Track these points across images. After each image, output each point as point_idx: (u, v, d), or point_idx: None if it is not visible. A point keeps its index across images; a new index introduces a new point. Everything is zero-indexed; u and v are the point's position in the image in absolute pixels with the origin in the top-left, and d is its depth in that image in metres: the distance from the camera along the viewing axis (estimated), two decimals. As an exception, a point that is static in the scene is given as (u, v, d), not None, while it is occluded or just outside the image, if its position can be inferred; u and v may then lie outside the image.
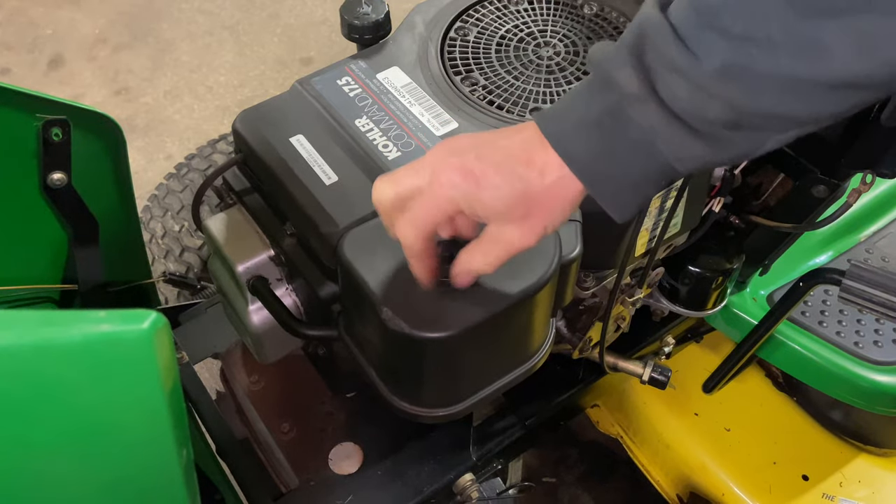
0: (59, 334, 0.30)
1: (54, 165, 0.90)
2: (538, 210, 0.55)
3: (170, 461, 0.38)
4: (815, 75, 0.48)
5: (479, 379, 0.71)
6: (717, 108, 0.49)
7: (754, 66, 0.48)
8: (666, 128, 0.51)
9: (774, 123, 0.51)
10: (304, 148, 0.76)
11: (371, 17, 0.84)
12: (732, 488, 1.14)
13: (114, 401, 0.33)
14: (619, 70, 0.52)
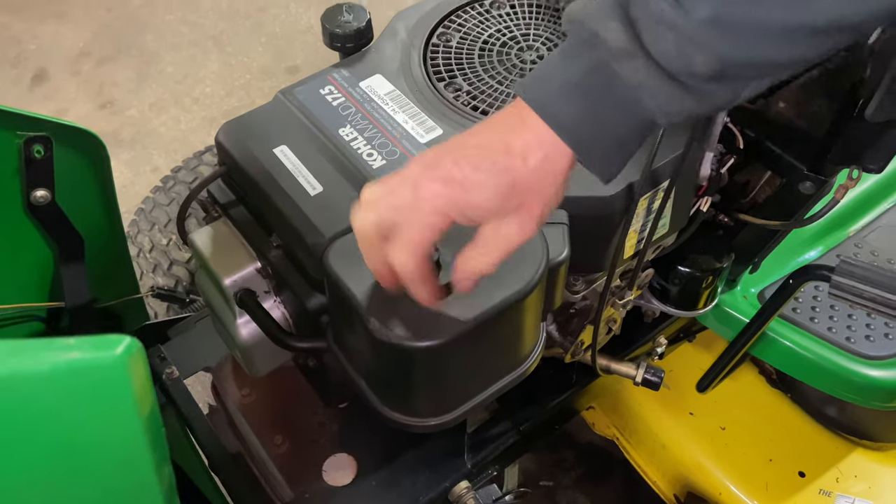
0: (29, 364, 0.29)
1: (37, 182, 0.89)
2: (531, 196, 0.53)
3: (149, 483, 0.37)
4: (804, 20, 0.48)
5: (469, 386, 0.71)
6: (703, 60, 0.49)
7: (744, 17, 0.48)
8: (653, 82, 0.50)
9: (755, 71, 0.51)
10: (289, 159, 0.76)
11: (353, 26, 0.84)
12: (729, 487, 1.14)
13: (89, 427, 0.32)
14: (604, 25, 0.50)
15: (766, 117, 0.91)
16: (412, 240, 0.53)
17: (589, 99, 0.52)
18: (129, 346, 0.31)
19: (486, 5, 0.90)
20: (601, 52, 0.51)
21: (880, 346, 0.99)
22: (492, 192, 0.52)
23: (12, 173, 0.88)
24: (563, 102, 0.52)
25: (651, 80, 0.50)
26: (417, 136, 0.77)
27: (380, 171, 0.74)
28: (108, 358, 0.30)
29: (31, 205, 0.91)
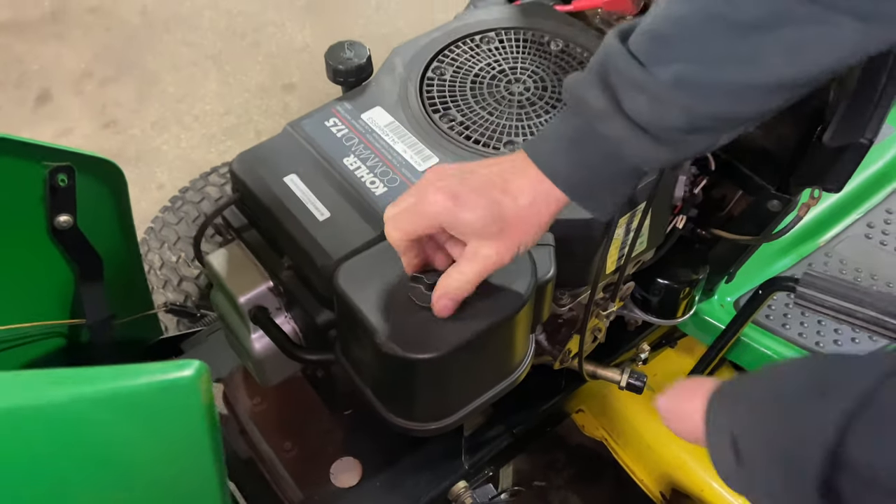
0: (124, 385, 0.36)
1: (60, 209, 0.96)
2: (511, 229, 0.63)
3: (212, 481, 0.44)
4: (756, 81, 0.56)
5: (466, 393, 0.77)
6: (674, 116, 0.58)
7: (702, 78, 0.56)
8: (631, 137, 0.59)
9: (724, 124, 0.60)
10: (298, 187, 0.83)
11: (354, 62, 0.91)
12: (711, 484, 1.21)
13: (170, 435, 0.39)
14: (587, 92, 0.60)
15: (737, 141, 0.98)
16: (403, 222, 0.64)
17: (579, 153, 0.62)
18: (199, 368, 0.38)
19: (477, 40, 0.97)
20: (586, 114, 0.60)
21: (848, 350, 1.06)
22: (480, 214, 0.62)
23: (38, 200, 0.94)
24: (558, 157, 0.63)
25: (629, 136, 0.59)
26: (415, 165, 0.84)
27: (382, 198, 0.81)
28: (184, 379, 0.37)
29: (54, 229, 0.97)
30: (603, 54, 0.60)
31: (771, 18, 0.54)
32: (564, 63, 0.95)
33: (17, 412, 0.34)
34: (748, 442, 0.50)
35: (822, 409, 0.44)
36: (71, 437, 0.36)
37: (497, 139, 0.87)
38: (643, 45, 0.58)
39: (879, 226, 1.25)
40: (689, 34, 0.57)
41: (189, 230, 1.33)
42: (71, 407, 0.35)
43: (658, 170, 0.63)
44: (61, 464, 0.37)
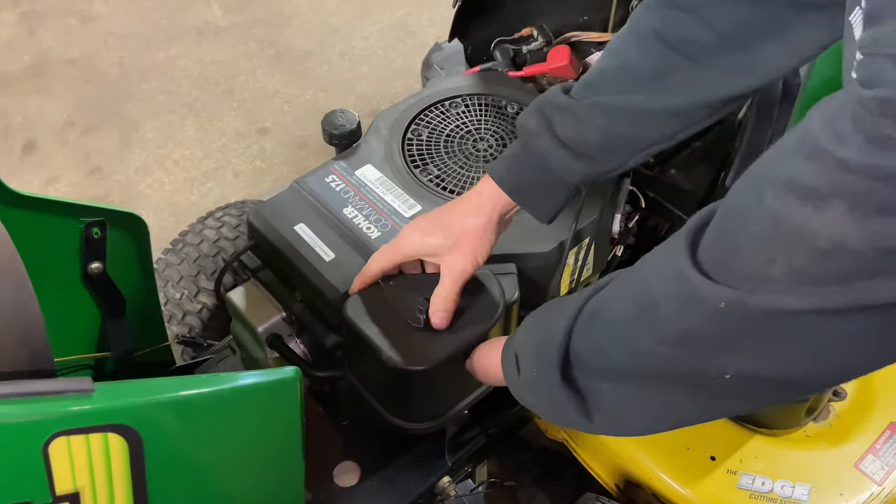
0: (251, 382, 0.53)
1: (93, 257, 1.11)
2: (464, 242, 0.82)
3: (298, 462, 0.61)
4: (653, 107, 0.79)
5: (452, 397, 0.95)
6: (591, 133, 0.79)
7: (612, 104, 0.78)
8: (556, 152, 0.79)
9: (630, 143, 0.81)
10: (306, 234, 1.00)
11: (346, 128, 1.09)
12: (658, 473, 1.40)
13: (277, 418, 0.55)
14: (528, 119, 0.83)
15: (662, 181, 1.19)
16: (381, 255, 0.86)
17: (518, 165, 0.83)
18: (296, 370, 0.55)
19: (447, 105, 1.17)
20: (526, 135, 0.83)
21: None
22: (440, 236, 0.83)
23: (74, 250, 1.09)
24: (504, 168, 0.84)
25: (555, 151, 0.81)
26: (402, 212, 1.02)
27: (377, 241, 0.98)
28: (288, 377, 0.54)
29: (86, 275, 1.12)
30: (545, 95, 0.83)
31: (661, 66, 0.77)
32: (519, 123, 1.15)
33: (177, 403, 0.50)
34: (523, 355, 0.68)
35: (557, 321, 0.63)
36: (209, 420, 0.52)
37: (469, 189, 1.06)
38: (577, 88, 0.81)
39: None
40: (605, 79, 0.80)
41: (190, 269, 1.48)
42: (211, 398, 0.51)
43: (573, 183, 0.83)
44: (203, 438, 0.53)
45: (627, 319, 0.56)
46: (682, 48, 0.76)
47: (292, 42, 2.71)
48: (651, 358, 0.55)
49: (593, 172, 0.82)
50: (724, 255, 0.49)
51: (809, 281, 0.44)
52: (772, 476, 1.40)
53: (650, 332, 0.54)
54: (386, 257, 0.85)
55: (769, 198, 0.45)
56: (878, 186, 0.39)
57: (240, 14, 2.80)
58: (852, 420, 1.49)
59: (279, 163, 2.31)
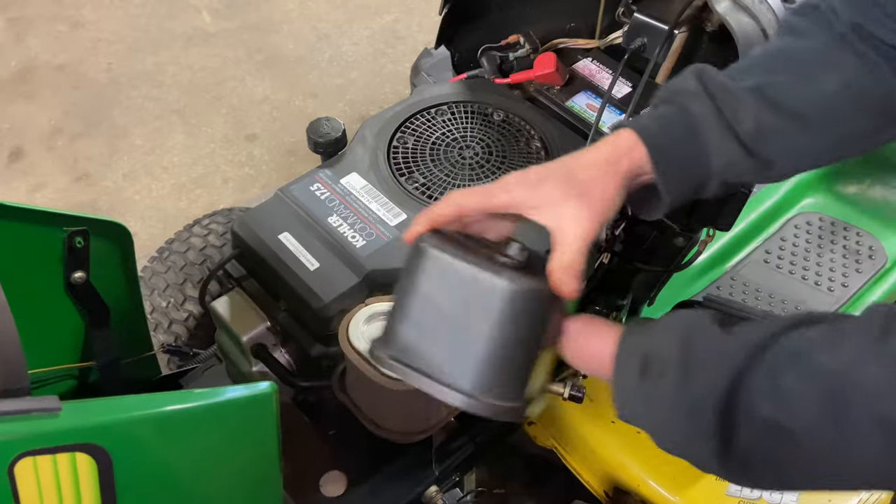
0: (226, 398, 0.52)
1: (76, 266, 1.09)
2: (592, 192, 0.64)
3: (275, 474, 0.60)
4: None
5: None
6: (747, 119, 0.66)
7: (768, 93, 0.67)
8: (712, 120, 0.66)
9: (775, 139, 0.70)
10: (291, 242, 1.00)
11: (332, 136, 1.09)
12: (646, 480, 1.40)
13: (254, 433, 0.55)
14: (685, 81, 0.69)
15: (649, 187, 1.19)
16: (472, 199, 0.66)
17: (668, 122, 0.68)
18: (272, 385, 0.55)
19: (433, 113, 1.16)
20: (680, 98, 0.68)
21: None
22: (558, 187, 0.64)
23: (57, 260, 1.08)
24: (648, 119, 0.69)
25: (711, 118, 0.67)
26: (387, 220, 1.02)
27: (362, 250, 0.98)
28: (264, 392, 0.53)
29: (70, 284, 1.11)
30: (698, 68, 0.70)
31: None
32: (505, 131, 1.15)
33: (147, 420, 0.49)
34: (659, 362, 0.57)
35: (728, 348, 0.54)
36: (183, 438, 0.52)
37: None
38: (733, 69, 0.70)
39: (775, 252, 1.48)
40: (760, 62, 0.70)
41: (176, 278, 1.47)
42: (184, 415, 0.51)
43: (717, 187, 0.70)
44: (177, 456, 0.52)
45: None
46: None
47: (281, 48, 2.71)
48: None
49: (740, 165, 0.67)
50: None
51: None
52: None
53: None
54: (471, 199, 0.64)
55: None
56: None
57: (229, 20, 2.80)
58: (840, 426, 1.49)
59: (268, 169, 2.30)
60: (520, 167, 1.10)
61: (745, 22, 0.91)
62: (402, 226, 1.01)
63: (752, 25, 0.92)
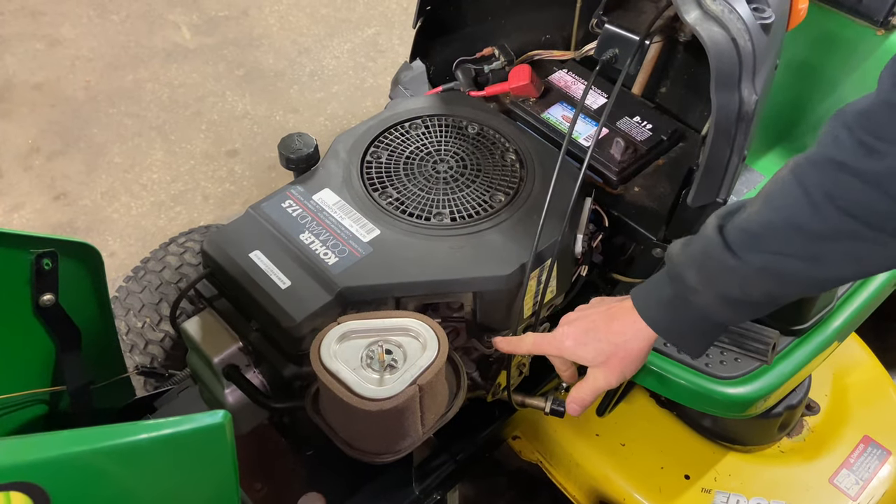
0: (176, 430, 0.50)
1: (44, 289, 1.07)
2: (614, 359, 0.90)
3: (234, 496, 0.58)
4: (820, 277, 0.75)
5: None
6: (759, 294, 0.78)
7: (782, 270, 0.75)
8: (719, 307, 0.81)
9: (795, 297, 0.83)
10: (262, 261, 0.98)
11: (304, 151, 1.07)
12: (631, 493, 1.38)
13: (208, 465, 0.53)
14: (685, 271, 0.81)
15: (626, 200, 1.18)
16: (542, 347, 0.97)
17: (674, 312, 0.85)
18: (225, 415, 0.53)
19: (406, 127, 1.15)
20: (681, 287, 0.82)
21: (731, 368, 1.25)
22: (592, 351, 0.91)
23: (24, 282, 1.06)
24: (657, 312, 0.86)
25: (716, 306, 0.81)
26: (361, 237, 1.00)
27: (334, 267, 0.96)
28: (217, 422, 0.51)
29: (38, 307, 1.09)
30: (703, 241, 0.79)
31: (835, 232, 0.70)
32: (480, 144, 1.13)
33: (88, 456, 0.47)
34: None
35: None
36: (129, 473, 0.50)
37: (428, 212, 1.04)
38: (738, 238, 0.76)
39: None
40: (774, 234, 0.74)
41: (152, 297, 1.45)
42: (129, 450, 0.49)
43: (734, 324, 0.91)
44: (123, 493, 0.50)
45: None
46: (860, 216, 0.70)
47: (262, 62, 2.70)
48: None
49: (750, 317, 0.86)
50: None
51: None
52: (746, 494, 1.39)
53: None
54: (542, 346, 0.96)
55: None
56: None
57: (209, 35, 2.79)
58: (826, 434, 1.48)
59: (249, 185, 2.28)
60: (495, 181, 1.09)
61: (715, 32, 0.90)
62: (376, 241, 1.00)
63: (723, 35, 0.91)
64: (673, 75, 1.27)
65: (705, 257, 0.79)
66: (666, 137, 1.20)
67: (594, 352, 0.90)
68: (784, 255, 0.74)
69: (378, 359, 0.86)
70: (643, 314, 0.86)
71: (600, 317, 0.91)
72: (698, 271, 0.79)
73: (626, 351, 0.89)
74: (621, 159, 1.15)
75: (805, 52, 1.34)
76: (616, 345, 0.89)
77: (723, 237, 0.77)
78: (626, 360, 0.90)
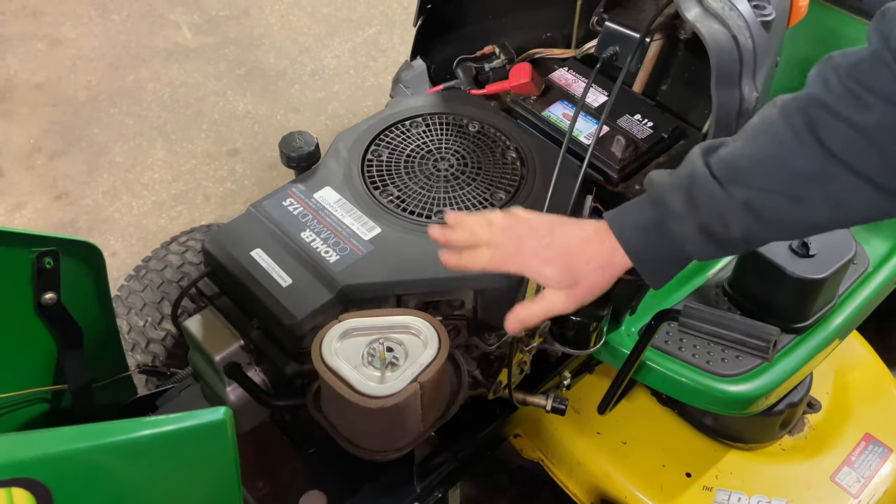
0: (178, 427, 0.50)
1: (46, 288, 1.07)
2: (580, 285, 0.84)
3: (234, 498, 0.58)
4: (803, 220, 0.75)
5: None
6: (738, 230, 0.76)
7: (765, 207, 0.74)
8: (695, 238, 0.78)
9: (768, 241, 0.81)
10: (263, 259, 0.98)
11: (305, 150, 1.08)
12: (633, 491, 1.38)
13: (210, 462, 0.53)
14: (670, 196, 0.78)
15: (626, 197, 1.18)
16: (494, 264, 0.86)
17: (649, 236, 0.81)
18: (226, 411, 0.53)
19: (407, 125, 1.15)
20: (663, 212, 0.79)
21: (732, 366, 1.26)
22: (557, 273, 0.84)
23: (27, 281, 1.06)
24: (633, 233, 0.81)
25: (694, 237, 0.78)
26: (362, 235, 1.00)
27: (335, 265, 0.96)
28: (217, 420, 0.51)
29: (40, 306, 1.09)
30: (690, 169, 0.77)
31: (819, 174, 0.70)
32: (480, 142, 1.14)
33: (90, 452, 0.47)
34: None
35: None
36: (130, 470, 0.50)
37: (429, 209, 1.04)
38: (722, 170, 0.75)
39: (757, 258, 1.46)
40: (759, 168, 0.74)
41: (154, 296, 1.45)
42: (131, 446, 0.49)
43: (700, 259, 0.82)
44: (124, 490, 0.50)
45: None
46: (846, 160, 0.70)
47: (263, 62, 2.70)
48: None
49: (719, 255, 0.82)
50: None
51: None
52: (748, 491, 1.39)
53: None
54: (499, 263, 0.86)
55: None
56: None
57: (210, 35, 2.79)
58: (827, 432, 1.48)
59: (250, 184, 2.29)
60: (496, 178, 1.09)
61: (715, 29, 0.90)
62: (377, 240, 1.00)
63: (723, 32, 0.91)
64: (674, 73, 1.27)
65: (692, 183, 0.77)
66: (667, 135, 1.20)
67: (561, 274, 0.83)
68: (767, 192, 0.74)
69: (379, 356, 0.86)
70: (618, 234, 0.82)
71: (573, 238, 0.84)
72: (684, 196, 0.77)
73: (595, 278, 0.84)
74: (622, 157, 1.15)
75: (805, 50, 1.34)
76: (588, 271, 0.83)
77: (708, 167, 0.77)
78: (594, 287, 0.85)
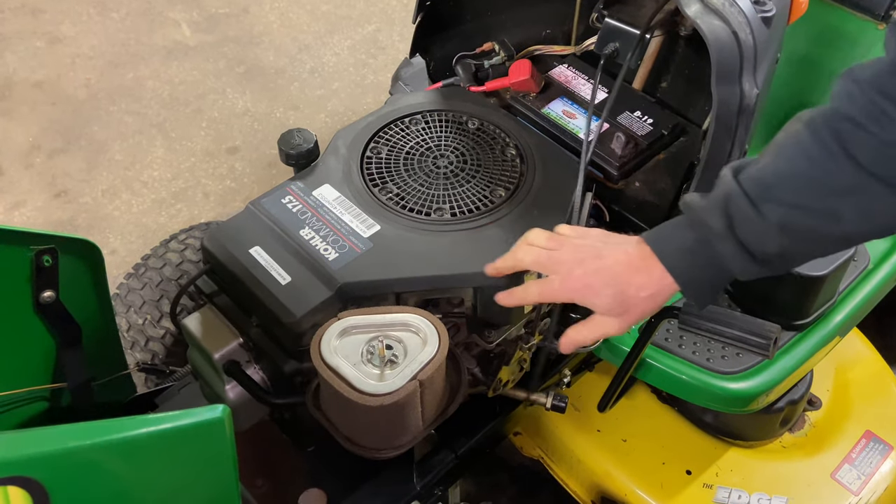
0: (175, 425, 0.50)
1: (45, 286, 1.07)
2: (631, 313, 0.86)
3: (233, 496, 0.58)
4: (835, 233, 0.76)
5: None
6: (774, 248, 0.77)
7: (799, 226, 0.75)
8: (737, 256, 0.79)
9: (806, 258, 0.82)
10: (262, 257, 0.98)
11: (304, 147, 1.07)
12: (633, 489, 1.38)
13: (208, 460, 0.53)
14: (710, 216, 0.79)
15: (626, 194, 1.18)
16: (544, 293, 0.88)
17: (695, 258, 0.82)
18: (224, 409, 0.53)
19: (406, 122, 1.15)
20: (705, 232, 0.80)
21: (732, 363, 1.25)
22: (609, 302, 0.85)
23: (25, 279, 1.06)
24: (679, 258, 0.82)
25: (736, 254, 0.79)
26: (361, 232, 1.00)
27: (335, 263, 0.96)
28: (216, 417, 0.51)
29: (39, 304, 1.09)
30: (723, 189, 0.79)
31: (848, 187, 0.72)
32: (480, 139, 1.13)
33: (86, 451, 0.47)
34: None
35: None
36: (127, 468, 0.50)
37: (428, 207, 1.04)
38: (753, 188, 0.76)
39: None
40: (788, 186, 0.75)
41: (153, 294, 1.45)
42: (128, 444, 0.49)
43: (745, 278, 0.83)
44: (121, 488, 0.50)
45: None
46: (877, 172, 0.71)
47: (262, 60, 2.70)
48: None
49: (761, 273, 0.81)
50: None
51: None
52: (748, 489, 1.39)
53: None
54: (549, 295, 0.88)
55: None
56: None
57: (210, 33, 2.78)
58: (828, 429, 1.48)
59: (249, 182, 2.28)
60: (495, 176, 1.08)
61: (716, 25, 0.90)
62: (376, 237, 0.99)
63: (724, 28, 0.91)
64: (674, 70, 1.27)
65: (727, 202, 0.78)
66: (667, 132, 1.19)
67: (612, 304, 0.85)
68: (799, 209, 0.74)
69: (378, 354, 0.86)
70: (664, 260, 0.83)
71: (620, 266, 0.85)
72: (722, 215, 0.78)
73: (647, 306, 0.86)
74: (622, 154, 1.15)
75: (806, 46, 1.34)
76: (640, 299, 0.85)
77: (740, 185, 0.77)
78: (645, 313, 0.87)
